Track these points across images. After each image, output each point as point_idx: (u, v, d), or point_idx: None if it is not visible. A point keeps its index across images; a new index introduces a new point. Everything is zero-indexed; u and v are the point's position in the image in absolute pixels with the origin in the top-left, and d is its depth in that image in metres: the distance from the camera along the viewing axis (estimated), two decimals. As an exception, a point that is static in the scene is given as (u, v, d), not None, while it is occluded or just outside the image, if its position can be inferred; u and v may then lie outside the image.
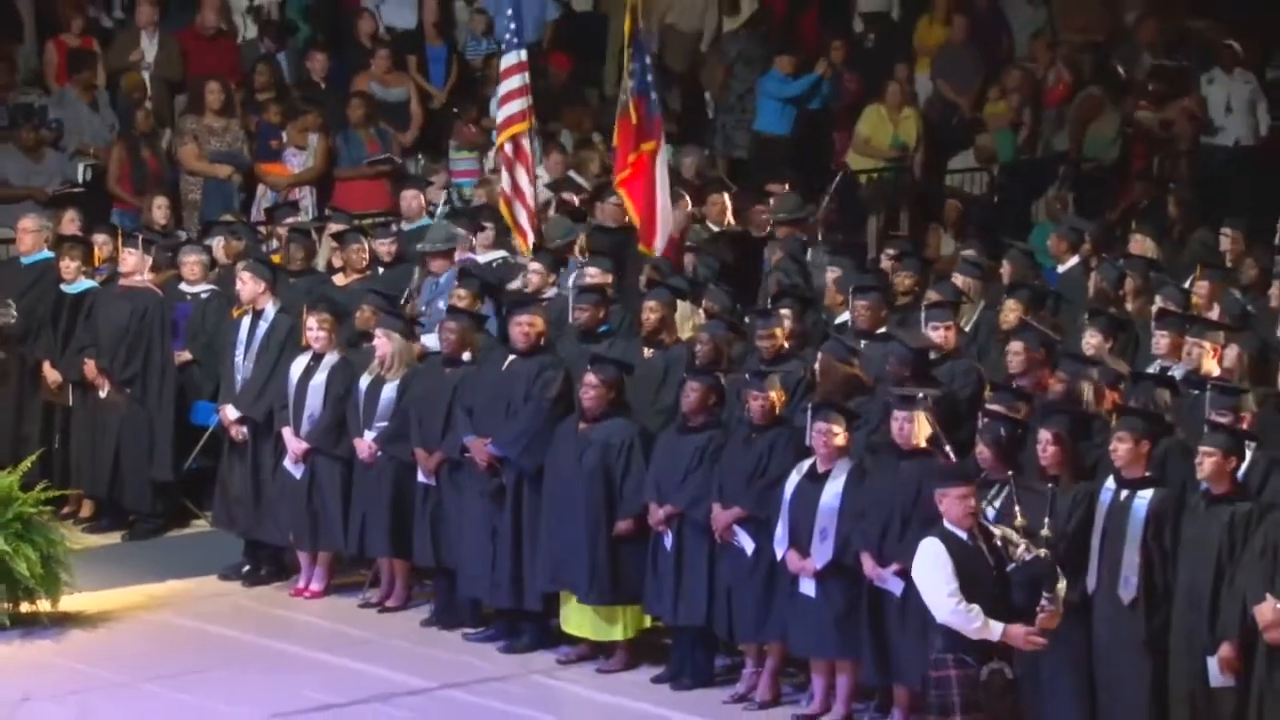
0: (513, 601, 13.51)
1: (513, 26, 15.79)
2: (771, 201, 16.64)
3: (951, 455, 11.70)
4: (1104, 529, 11.28)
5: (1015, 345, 12.98)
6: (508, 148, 15.80)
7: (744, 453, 12.65)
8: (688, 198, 16.72)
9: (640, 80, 15.55)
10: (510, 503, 13.47)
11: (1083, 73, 19.81)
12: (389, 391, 13.98)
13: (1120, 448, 11.37)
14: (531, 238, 15.70)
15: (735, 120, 19.69)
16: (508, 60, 15.93)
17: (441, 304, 14.70)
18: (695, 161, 18.34)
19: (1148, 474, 11.36)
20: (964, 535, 10.24)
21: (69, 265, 15.62)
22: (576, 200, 17.17)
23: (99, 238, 16.05)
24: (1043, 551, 10.42)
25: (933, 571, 10.20)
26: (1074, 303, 14.83)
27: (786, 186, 16.88)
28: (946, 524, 10.29)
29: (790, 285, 14.77)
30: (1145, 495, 11.25)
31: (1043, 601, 10.21)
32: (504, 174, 15.85)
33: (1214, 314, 13.85)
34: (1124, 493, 11.27)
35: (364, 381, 14.07)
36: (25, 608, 13.63)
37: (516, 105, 15.78)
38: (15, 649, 13.40)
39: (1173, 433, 11.79)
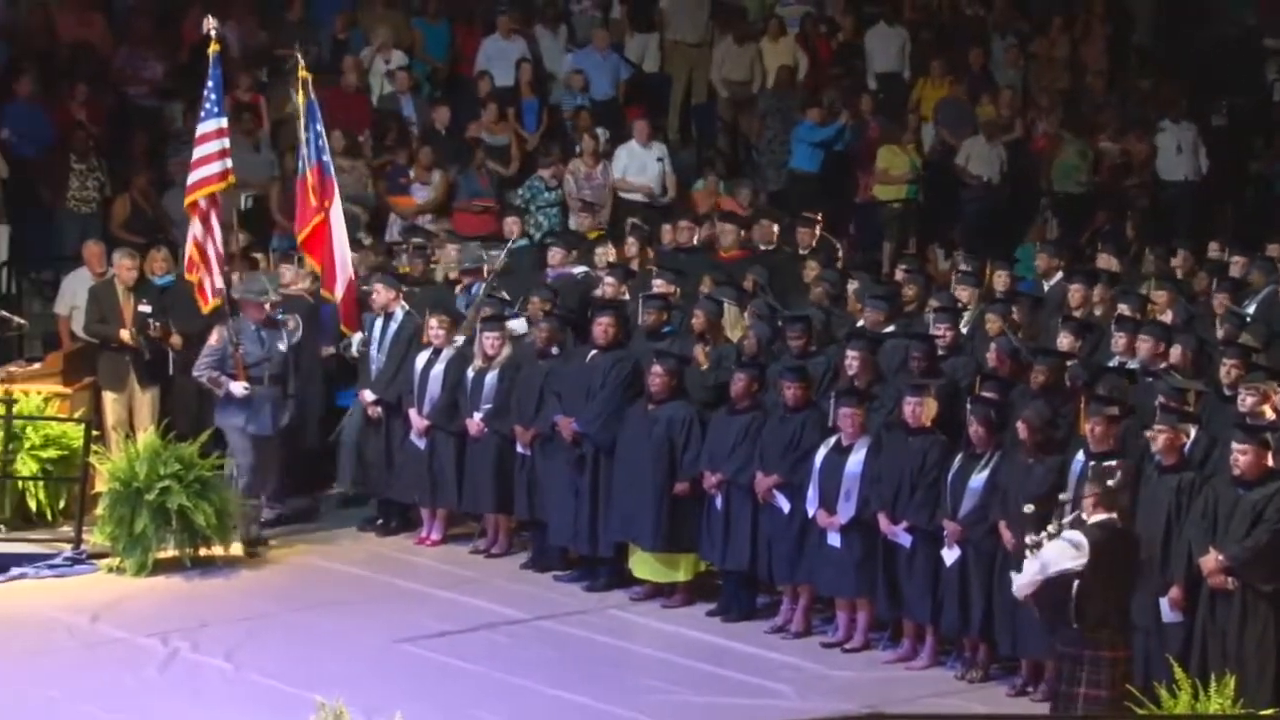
0: (591, 549, 13.47)
1: (213, 98, 14.31)
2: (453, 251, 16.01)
3: None
4: (1075, 494, 11.16)
5: (991, 350, 12.93)
6: (202, 203, 14.23)
7: (781, 430, 12.59)
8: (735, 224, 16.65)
9: (315, 148, 14.62)
10: (589, 469, 13.42)
11: (1057, 121, 19.68)
12: (491, 379, 13.94)
13: (1097, 429, 11.27)
14: (217, 281, 14.24)
15: (769, 160, 19.67)
16: (205, 127, 14.40)
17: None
18: (748, 194, 18.29)
19: (1112, 448, 11.27)
20: None
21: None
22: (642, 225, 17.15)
23: (257, 254, 16.04)
24: None
25: None
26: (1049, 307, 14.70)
27: (819, 216, 16.82)
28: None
29: (834, 294, 14.66)
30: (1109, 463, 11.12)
31: None
32: (196, 223, 14.28)
33: (1167, 318, 13.74)
34: (1092, 464, 11.16)
35: (470, 372, 14.04)
36: (203, 552, 13.64)
37: (215, 167, 14.26)
38: (195, 585, 13.41)
39: (1133, 415, 11.69)
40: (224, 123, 14.42)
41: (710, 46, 20.40)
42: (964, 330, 13.82)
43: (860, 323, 14.04)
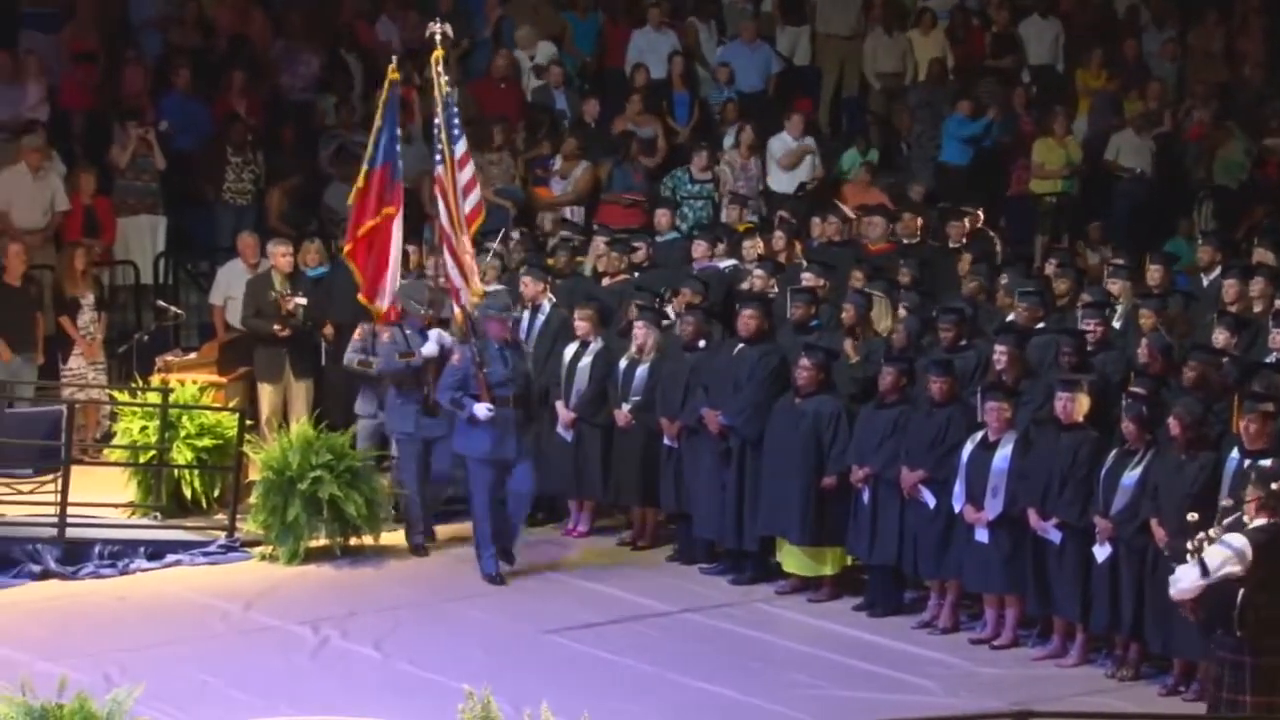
0: (736, 542, 13.48)
1: (455, 110, 13.37)
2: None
3: None
4: (1235, 496, 10.94)
5: (1143, 346, 12.76)
6: (447, 226, 13.38)
7: (926, 425, 12.54)
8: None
9: (388, 150, 13.63)
10: (736, 462, 13.42)
11: (1213, 112, 19.40)
12: (642, 372, 13.98)
13: (1251, 426, 11.10)
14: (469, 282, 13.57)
15: (918, 154, 19.60)
16: (460, 149, 13.53)
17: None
18: (921, 189, 18.39)
19: (1268, 446, 11.09)
20: None
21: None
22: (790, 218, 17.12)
23: (409, 247, 16.15)
24: None
25: None
26: (1201, 301, 14.49)
27: (981, 212, 16.73)
28: None
29: (986, 289, 14.52)
30: (1265, 464, 10.95)
31: None
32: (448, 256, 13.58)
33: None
34: (1247, 462, 10.99)
35: (622, 364, 14.10)
36: (353, 541, 13.81)
37: (476, 197, 13.53)
38: (345, 573, 13.57)
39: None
40: (465, 144, 13.68)
41: (862, 39, 20.36)
42: (1116, 325, 13.69)
43: (1010, 317, 13.94)
